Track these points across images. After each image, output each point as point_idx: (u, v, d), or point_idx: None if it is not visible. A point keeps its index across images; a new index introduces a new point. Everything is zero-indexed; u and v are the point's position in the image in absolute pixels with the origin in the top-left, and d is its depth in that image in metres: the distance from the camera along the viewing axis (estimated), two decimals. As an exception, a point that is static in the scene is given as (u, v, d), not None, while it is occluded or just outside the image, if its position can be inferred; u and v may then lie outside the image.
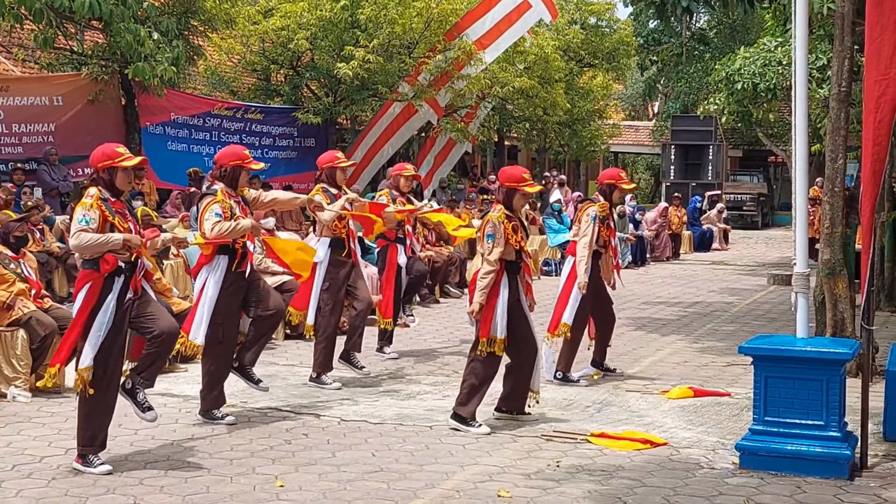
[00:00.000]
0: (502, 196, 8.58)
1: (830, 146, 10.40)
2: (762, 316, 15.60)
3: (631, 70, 39.77)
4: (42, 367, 9.38)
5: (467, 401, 8.35)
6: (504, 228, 8.32)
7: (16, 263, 9.73)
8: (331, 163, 10.34)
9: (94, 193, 7.23)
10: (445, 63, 22.95)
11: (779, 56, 18.46)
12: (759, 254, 28.93)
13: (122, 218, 7.27)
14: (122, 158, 7.32)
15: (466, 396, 8.36)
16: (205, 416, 8.53)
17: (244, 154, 8.63)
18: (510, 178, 8.59)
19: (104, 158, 7.35)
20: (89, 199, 7.20)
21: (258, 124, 23.12)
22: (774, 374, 7.26)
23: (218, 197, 8.39)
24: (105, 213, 7.17)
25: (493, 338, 8.29)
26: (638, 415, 8.92)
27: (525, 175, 8.66)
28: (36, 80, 19.72)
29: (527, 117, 30.16)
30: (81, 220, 7.12)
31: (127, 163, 7.32)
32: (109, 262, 7.15)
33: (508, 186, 8.53)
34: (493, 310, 8.30)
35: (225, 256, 8.40)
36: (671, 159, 38.00)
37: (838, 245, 10.38)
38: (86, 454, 7.15)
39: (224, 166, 8.57)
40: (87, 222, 7.11)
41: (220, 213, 8.29)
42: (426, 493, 6.66)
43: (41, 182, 17.71)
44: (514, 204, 8.55)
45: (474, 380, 8.36)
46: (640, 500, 6.56)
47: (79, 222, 7.12)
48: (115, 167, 7.31)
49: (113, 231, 7.17)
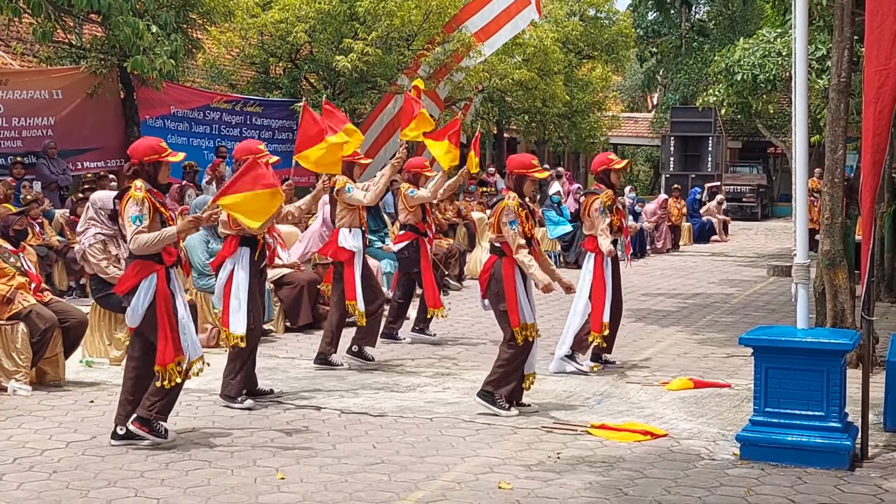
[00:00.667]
0: (512, 183, 8.68)
1: (830, 137, 10.39)
2: (762, 307, 15.61)
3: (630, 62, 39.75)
4: (42, 361, 9.40)
5: (503, 382, 8.49)
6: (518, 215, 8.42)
7: (15, 257, 9.72)
8: (350, 158, 10.61)
9: (140, 185, 7.38)
10: (444, 55, 22.93)
11: (778, 47, 18.41)
12: (759, 245, 28.93)
13: (164, 208, 7.51)
14: (167, 153, 7.54)
15: (502, 378, 8.49)
16: (225, 400, 8.75)
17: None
18: (519, 164, 8.73)
19: (150, 152, 7.52)
20: (139, 192, 7.32)
21: (258, 117, 23.12)
22: (775, 364, 7.25)
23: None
24: (154, 204, 7.36)
25: (525, 324, 8.41)
26: (638, 406, 8.93)
27: (534, 161, 8.81)
28: (35, 73, 19.72)
29: (526, 109, 30.14)
30: (135, 219, 7.26)
31: (172, 158, 7.57)
32: (172, 254, 7.44)
33: (518, 173, 8.66)
34: (516, 299, 8.39)
35: (247, 248, 8.74)
36: (670, 151, 38.04)
37: (838, 236, 10.38)
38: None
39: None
40: (140, 220, 7.25)
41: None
42: (427, 484, 6.67)
43: (40, 176, 17.71)
44: (525, 190, 8.69)
45: (509, 366, 8.51)
46: (641, 492, 6.56)
47: (133, 221, 7.26)
48: (160, 161, 7.50)
49: (163, 222, 7.41)
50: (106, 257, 10.19)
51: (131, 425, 7.42)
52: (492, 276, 8.54)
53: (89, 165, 19.48)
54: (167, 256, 7.40)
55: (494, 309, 8.60)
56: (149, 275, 7.33)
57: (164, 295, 7.33)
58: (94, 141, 19.82)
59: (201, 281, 11.46)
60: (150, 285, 7.32)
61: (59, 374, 9.56)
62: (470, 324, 13.37)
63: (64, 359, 9.64)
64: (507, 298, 8.41)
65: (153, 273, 7.34)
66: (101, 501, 6.28)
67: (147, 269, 7.35)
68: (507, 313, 8.43)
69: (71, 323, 9.62)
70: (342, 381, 9.88)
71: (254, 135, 23.02)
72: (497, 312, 8.58)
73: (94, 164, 19.63)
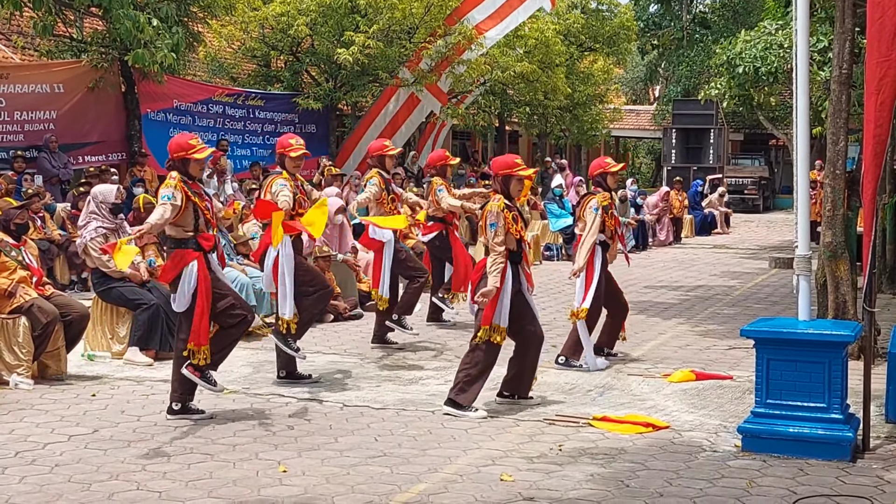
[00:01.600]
0: (499, 185, 8.59)
1: (832, 129, 10.39)
2: (764, 299, 15.60)
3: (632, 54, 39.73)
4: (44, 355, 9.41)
5: (467, 388, 8.33)
6: (504, 218, 8.33)
7: (17, 251, 9.73)
8: (380, 150, 11.26)
9: (175, 176, 7.99)
10: (446, 48, 22.91)
11: (780, 39, 18.41)
12: (761, 237, 28.92)
13: (200, 198, 8.06)
14: (194, 150, 8.08)
15: (466, 385, 8.33)
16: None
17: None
18: (503, 165, 8.65)
19: (178, 150, 8.10)
20: (172, 180, 7.94)
21: (260, 111, 23.13)
22: (776, 356, 7.25)
23: (284, 175, 9.33)
24: (187, 192, 7.93)
25: (496, 326, 8.29)
26: (640, 398, 8.93)
27: (517, 160, 8.70)
28: (36, 67, 19.71)
29: (527, 102, 30.13)
30: (164, 196, 7.87)
31: (198, 154, 8.09)
32: (209, 240, 8.06)
33: (504, 174, 8.57)
34: (497, 299, 8.28)
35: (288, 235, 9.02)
36: (672, 143, 38.00)
37: (840, 228, 10.37)
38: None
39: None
40: (169, 198, 7.85)
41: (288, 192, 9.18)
42: (429, 477, 6.67)
43: (42, 169, 17.71)
44: (512, 190, 8.56)
45: (473, 369, 8.34)
46: (643, 483, 6.57)
47: (162, 198, 7.87)
48: (187, 158, 8.07)
49: (196, 209, 7.98)
50: (107, 251, 10.19)
51: (184, 369, 8.03)
52: (483, 276, 8.47)
53: (91, 159, 19.49)
54: (205, 242, 8.01)
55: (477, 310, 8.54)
56: (189, 262, 7.92)
57: (205, 280, 7.93)
58: (96, 135, 19.82)
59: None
60: (192, 272, 7.92)
61: (60, 368, 9.57)
62: (471, 318, 13.34)
63: (66, 353, 9.65)
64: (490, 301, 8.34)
65: (193, 260, 7.93)
66: (103, 495, 6.28)
67: (187, 257, 7.95)
68: (481, 311, 8.38)
69: (73, 317, 9.63)
70: (344, 373, 9.89)
71: (256, 128, 23.05)
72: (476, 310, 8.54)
73: (95, 157, 19.63)
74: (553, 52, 27.78)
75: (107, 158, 19.70)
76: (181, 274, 7.93)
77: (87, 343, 10.37)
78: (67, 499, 6.21)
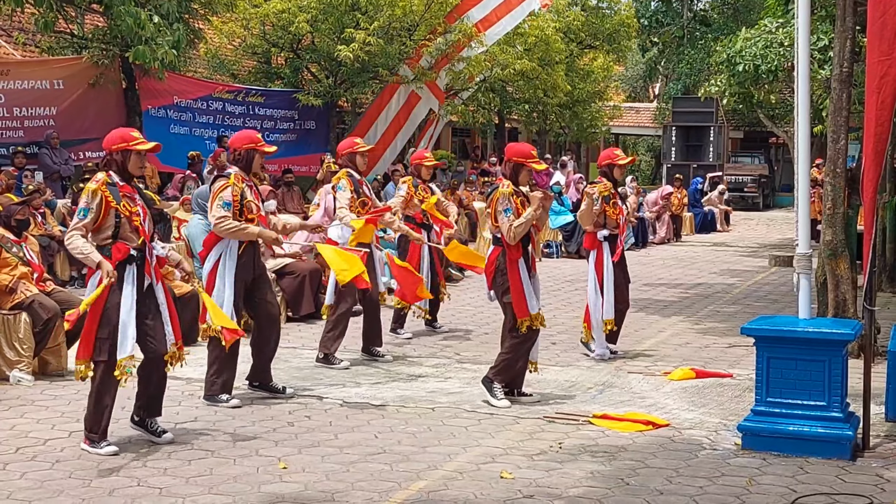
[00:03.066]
0: (509, 171, 8.62)
1: (832, 127, 10.39)
2: (763, 297, 15.61)
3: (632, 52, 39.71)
4: (45, 351, 9.42)
5: (504, 371, 8.51)
6: (514, 202, 8.40)
7: (18, 247, 9.72)
8: (350, 148, 10.65)
9: (100, 178, 7.21)
10: (446, 46, 22.91)
11: (780, 37, 18.37)
12: (760, 235, 28.92)
13: (130, 202, 7.24)
14: (136, 142, 7.32)
15: (504, 368, 8.52)
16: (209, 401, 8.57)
17: (257, 138, 8.70)
18: (518, 153, 8.67)
19: (119, 141, 7.32)
20: (94, 184, 7.17)
21: (260, 107, 23.11)
22: (777, 354, 7.26)
23: (230, 181, 8.46)
24: (108, 198, 7.13)
25: (532, 314, 8.42)
26: (640, 396, 8.93)
27: (533, 152, 8.76)
28: (37, 63, 19.70)
29: (527, 99, 30.10)
30: (80, 210, 7.13)
31: (141, 146, 7.32)
32: (121, 251, 7.14)
33: (517, 161, 8.60)
34: (522, 290, 8.40)
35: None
36: (672, 141, 37.95)
37: (840, 226, 10.38)
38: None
39: (238, 150, 8.64)
40: (84, 214, 7.11)
41: (230, 200, 8.36)
42: (429, 474, 6.68)
43: (42, 166, 17.71)
44: (521, 180, 8.64)
45: (513, 355, 8.52)
46: (643, 481, 6.57)
47: (78, 214, 7.13)
48: (128, 150, 7.29)
49: (118, 216, 7.13)
50: (108, 247, 10.18)
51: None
52: (497, 269, 8.54)
53: (91, 155, 19.45)
54: (115, 252, 7.14)
55: (500, 300, 8.60)
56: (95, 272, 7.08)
57: (103, 294, 7.03)
58: (96, 131, 19.74)
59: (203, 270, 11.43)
60: (93, 282, 7.11)
61: (61, 364, 9.58)
62: (471, 314, 13.37)
63: (66, 349, 9.65)
64: (512, 290, 8.41)
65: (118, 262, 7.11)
66: (103, 491, 6.29)
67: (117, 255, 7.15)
68: (511, 304, 8.43)
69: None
70: (344, 371, 9.88)
71: (256, 125, 23.01)
72: (502, 304, 8.59)
73: (96, 154, 19.57)
74: (553, 49, 27.75)
75: (107, 155, 19.66)
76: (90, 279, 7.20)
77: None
78: (68, 495, 6.22)
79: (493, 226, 8.59)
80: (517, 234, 8.36)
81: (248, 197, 8.47)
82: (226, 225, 8.24)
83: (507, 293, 8.44)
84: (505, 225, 8.38)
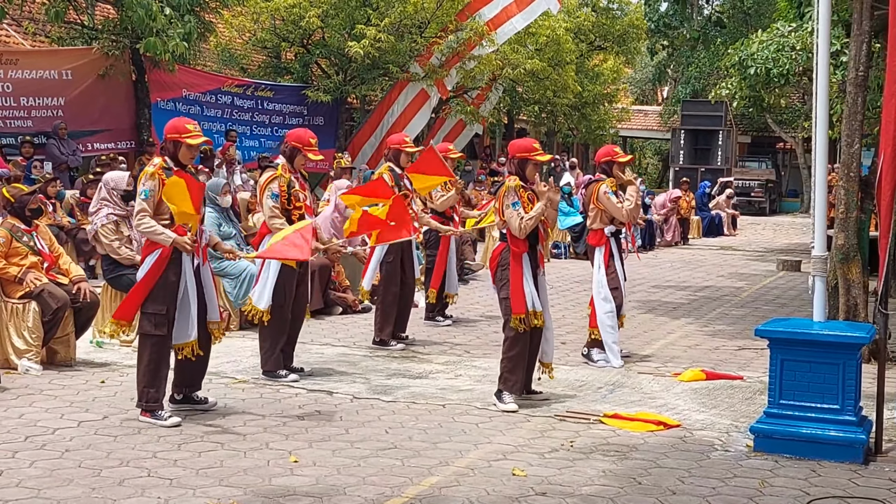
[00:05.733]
0: (514, 167, 8.59)
1: (846, 131, 10.35)
2: (772, 301, 15.56)
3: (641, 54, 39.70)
4: (53, 340, 9.40)
5: (508, 379, 8.39)
6: (520, 196, 8.35)
7: (28, 236, 9.69)
8: (398, 145, 11.12)
9: (157, 163, 7.68)
10: (457, 44, 22.89)
11: (792, 41, 18.34)
12: (767, 239, 28.87)
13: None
14: (188, 135, 7.70)
15: (510, 373, 8.39)
16: (268, 376, 9.09)
17: (307, 139, 9.18)
18: (521, 148, 8.65)
19: (172, 131, 7.74)
20: (152, 167, 7.64)
21: (269, 102, 23.10)
22: (790, 357, 7.21)
23: (278, 171, 9.05)
24: (164, 181, 7.53)
25: (532, 311, 8.33)
26: (650, 396, 8.89)
27: (535, 145, 8.73)
28: (46, 53, 19.69)
29: (536, 100, 30.08)
30: (142, 191, 7.57)
31: (191, 140, 7.69)
32: (180, 234, 7.59)
33: (521, 157, 8.56)
34: (520, 284, 8.30)
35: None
36: (680, 144, 37.92)
37: (853, 230, 10.33)
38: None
39: (287, 143, 9.20)
40: (146, 195, 7.55)
41: (278, 191, 8.96)
42: (440, 470, 6.64)
43: (50, 156, 17.70)
44: (528, 174, 8.58)
45: (511, 354, 8.40)
46: (655, 481, 6.54)
47: (141, 194, 7.57)
48: (179, 141, 7.68)
49: None
50: (118, 238, 10.19)
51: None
52: (499, 264, 8.47)
53: (100, 147, 19.47)
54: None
55: (498, 296, 8.52)
56: (155, 250, 7.59)
57: (158, 268, 7.56)
58: (105, 122, 19.81)
59: (212, 264, 11.38)
60: (152, 257, 7.59)
61: (69, 354, 9.55)
62: (482, 312, 13.34)
63: (75, 339, 9.64)
64: (511, 285, 8.30)
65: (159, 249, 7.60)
66: (113, 481, 6.26)
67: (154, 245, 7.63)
68: (508, 300, 8.36)
69: (82, 303, 9.61)
70: (354, 366, 9.86)
71: (265, 120, 23.01)
72: (499, 300, 8.52)
73: (104, 145, 19.62)
74: (564, 49, 27.74)
75: (116, 146, 19.69)
76: (147, 257, 7.64)
77: (96, 330, 10.34)
78: (78, 484, 6.19)
79: (500, 221, 8.51)
80: (527, 228, 8.30)
81: (295, 187, 9.05)
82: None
83: (506, 287, 8.39)
84: (514, 219, 8.30)
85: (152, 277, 7.55)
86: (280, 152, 9.32)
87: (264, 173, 9.29)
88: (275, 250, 8.46)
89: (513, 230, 8.34)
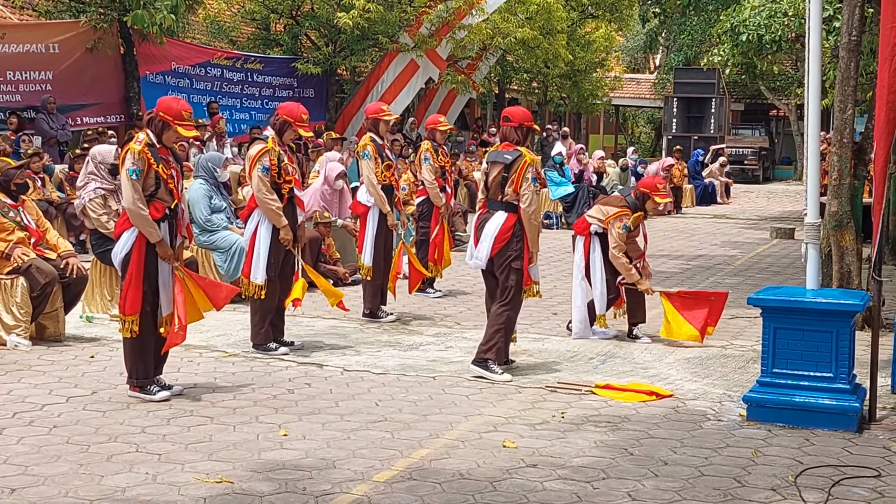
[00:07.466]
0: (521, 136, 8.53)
1: (839, 97, 10.25)
2: (765, 269, 15.53)
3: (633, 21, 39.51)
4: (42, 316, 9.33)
5: (501, 344, 8.35)
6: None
7: (15, 212, 9.61)
8: (375, 114, 10.99)
9: (142, 139, 7.50)
10: (447, 13, 22.74)
11: (784, 7, 18.22)
12: (761, 208, 28.82)
13: (166, 164, 7.51)
14: (183, 123, 7.54)
15: (502, 341, 8.35)
16: (258, 350, 9.06)
17: (299, 115, 9.10)
18: (526, 117, 8.68)
19: (167, 112, 7.53)
20: (138, 144, 7.45)
21: (259, 74, 22.97)
22: (783, 325, 7.16)
23: (269, 144, 8.97)
24: (150, 160, 7.41)
25: (535, 283, 8.42)
26: (642, 367, 8.86)
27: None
28: (33, 27, 19.55)
29: (527, 69, 29.93)
30: (130, 171, 7.38)
31: (185, 131, 7.60)
32: (159, 210, 7.47)
33: (528, 125, 8.61)
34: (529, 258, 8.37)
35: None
36: (673, 112, 37.74)
37: (846, 197, 10.26)
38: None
39: (278, 116, 9.14)
40: (136, 175, 7.37)
41: (268, 165, 8.89)
42: (430, 442, 6.60)
43: (39, 131, 17.58)
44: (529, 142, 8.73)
45: (503, 324, 8.37)
46: (647, 452, 6.50)
47: (130, 174, 7.37)
48: (171, 125, 7.52)
49: (157, 179, 7.43)
50: (106, 212, 10.11)
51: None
52: (513, 235, 8.34)
53: (89, 121, 19.36)
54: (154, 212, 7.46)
55: (505, 266, 8.38)
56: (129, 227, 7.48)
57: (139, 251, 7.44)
58: (94, 96, 19.68)
59: (203, 237, 11.35)
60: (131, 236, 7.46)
61: (58, 329, 9.49)
62: (471, 283, 13.27)
63: (64, 314, 9.57)
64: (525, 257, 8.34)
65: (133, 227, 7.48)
66: (101, 456, 6.21)
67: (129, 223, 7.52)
68: (521, 271, 8.31)
69: (71, 278, 9.53)
70: (344, 338, 9.82)
71: (254, 92, 22.87)
72: (507, 269, 8.35)
73: (93, 119, 19.50)
74: (555, 17, 27.57)
75: (105, 120, 19.58)
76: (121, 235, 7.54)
77: (85, 304, 10.28)
78: (66, 460, 6.14)
79: (513, 192, 8.36)
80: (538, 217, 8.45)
81: (284, 160, 8.98)
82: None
83: (519, 259, 8.32)
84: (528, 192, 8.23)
85: (139, 261, 7.43)
86: (270, 124, 9.27)
87: (253, 146, 9.25)
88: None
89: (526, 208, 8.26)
